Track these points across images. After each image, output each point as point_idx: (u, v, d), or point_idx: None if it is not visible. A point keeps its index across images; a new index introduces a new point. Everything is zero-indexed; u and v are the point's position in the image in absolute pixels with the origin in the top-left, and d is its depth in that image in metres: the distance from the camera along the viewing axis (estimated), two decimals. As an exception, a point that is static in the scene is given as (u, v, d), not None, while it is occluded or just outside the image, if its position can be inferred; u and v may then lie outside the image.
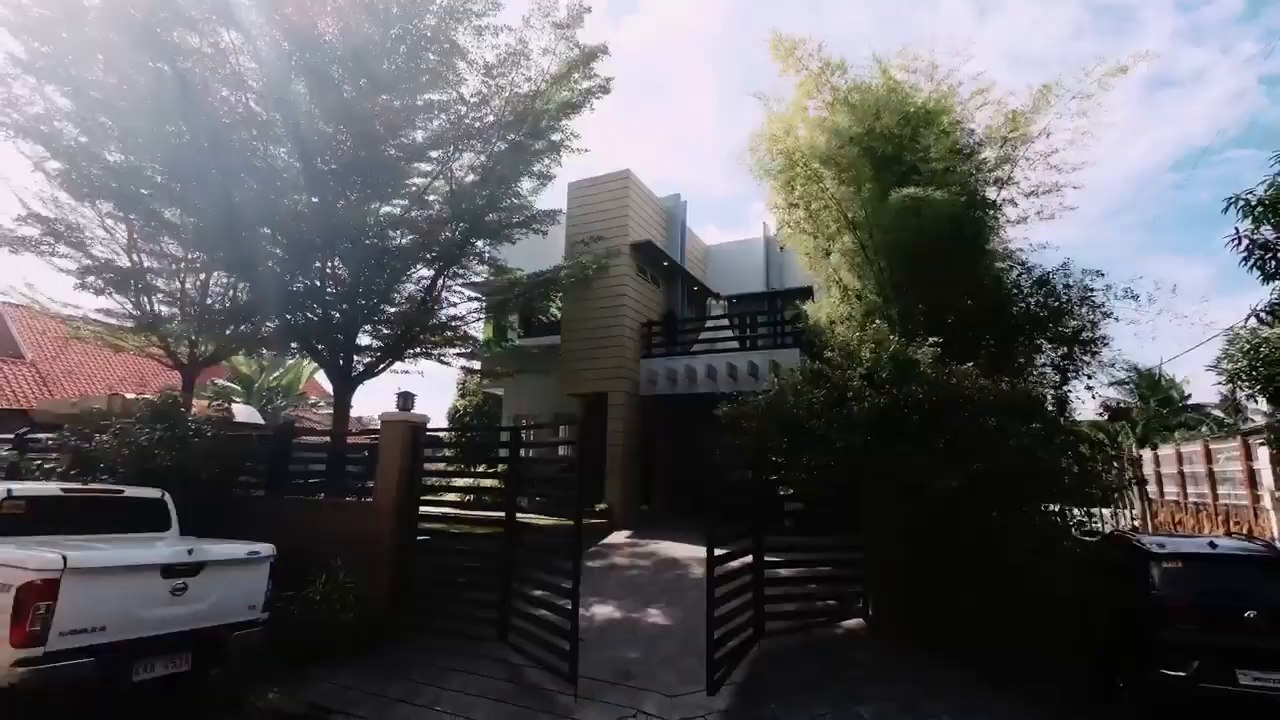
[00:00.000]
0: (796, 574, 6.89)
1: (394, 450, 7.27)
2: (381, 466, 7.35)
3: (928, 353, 6.49)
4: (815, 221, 10.44)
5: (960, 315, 8.60)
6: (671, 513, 14.13)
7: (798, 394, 6.44)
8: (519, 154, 10.27)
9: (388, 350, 10.42)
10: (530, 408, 15.78)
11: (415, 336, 10.55)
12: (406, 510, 7.27)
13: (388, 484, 7.25)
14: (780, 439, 6.12)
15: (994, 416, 5.83)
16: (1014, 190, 9.91)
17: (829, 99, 10.70)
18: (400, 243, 10.27)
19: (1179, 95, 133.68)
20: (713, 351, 12.87)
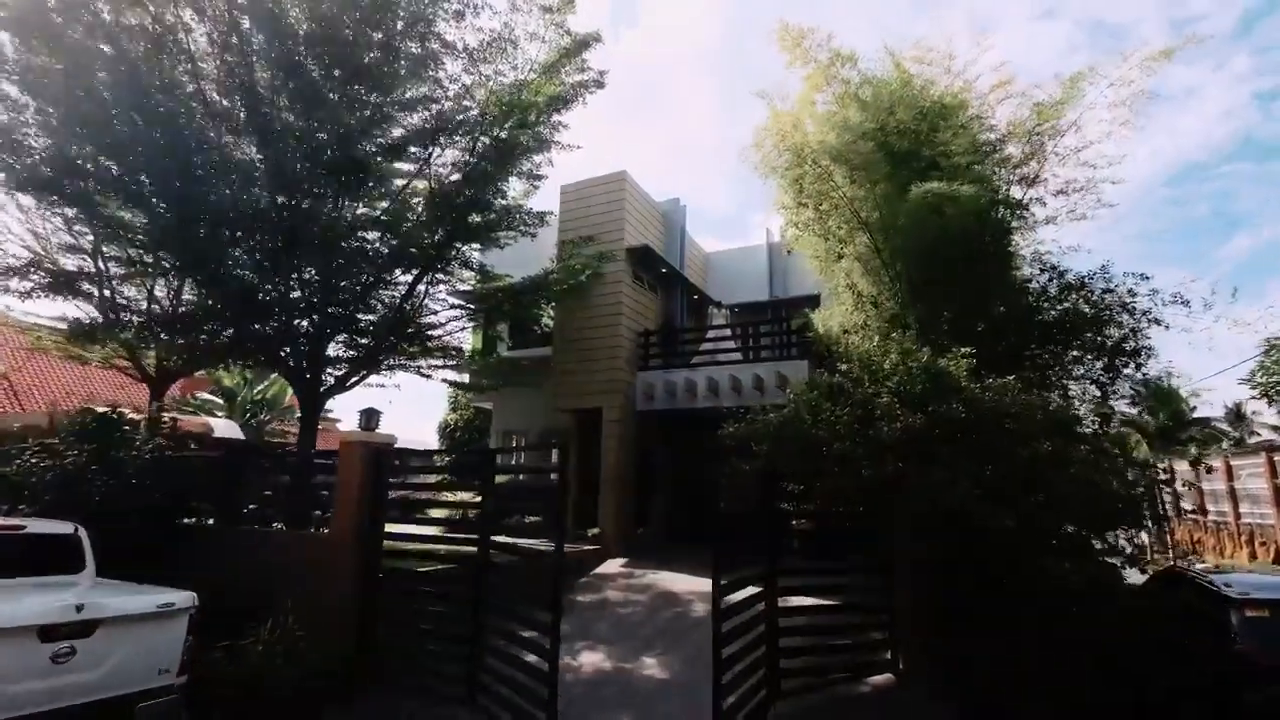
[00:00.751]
0: (815, 621, 5.99)
1: (353, 475, 6.39)
2: (339, 494, 6.46)
3: (962, 365, 5.65)
4: (825, 222, 9.65)
5: (991, 323, 7.76)
6: (670, 536, 13.20)
7: (815, 412, 5.58)
8: (505, 150, 9.48)
9: (361, 362, 9.56)
10: (520, 423, 14.89)
11: (391, 347, 9.69)
12: (368, 543, 6.37)
13: (346, 513, 6.35)
14: (797, 464, 5.25)
15: (1046, 439, 4.99)
16: (1042, 189, 9.13)
17: (839, 92, 9.97)
18: (376, 246, 9.44)
19: (1172, 109, 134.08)
20: (714, 364, 12.02)
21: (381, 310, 9.78)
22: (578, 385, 12.31)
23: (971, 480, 4.66)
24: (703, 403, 11.72)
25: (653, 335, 12.88)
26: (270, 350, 8.99)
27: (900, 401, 5.22)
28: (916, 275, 8.93)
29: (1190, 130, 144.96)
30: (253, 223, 8.22)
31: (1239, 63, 78.04)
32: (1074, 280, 8.28)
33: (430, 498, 7.89)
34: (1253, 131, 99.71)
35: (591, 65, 10.40)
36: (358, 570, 6.22)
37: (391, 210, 9.42)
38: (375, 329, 9.59)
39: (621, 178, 12.78)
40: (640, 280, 13.17)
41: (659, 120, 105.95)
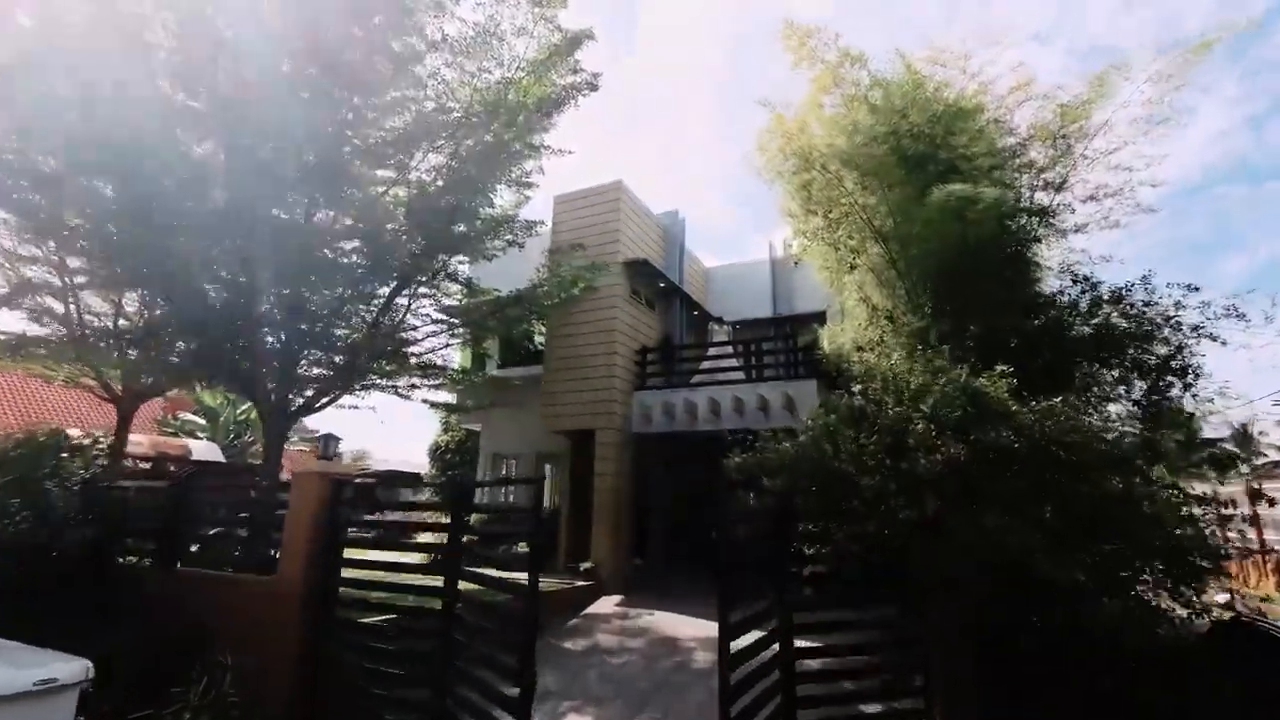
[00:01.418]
0: (836, 674, 5.13)
1: (306, 512, 5.58)
2: (288, 533, 5.64)
3: (1001, 385, 4.89)
4: (835, 231, 8.97)
5: (1024, 339, 7.01)
6: (669, 567, 12.32)
7: (834, 439, 4.80)
8: (491, 154, 8.82)
9: (332, 381, 8.78)
10: (511, 446, 14.07)
11: (366, 365, 8.92)
12: (321, 589, 5.54)
13: (295, 556, 5.53)
14: (816, 502, 4.45)
15: (1110, 472, 4.21)
16: (1069, 195, 8.46)
17: (848, 94, 9.35)
18: (352, 258, 8.74)
19: (1163, 130, 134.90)
20: (716, 383, 11.25)
21: (357, 325, 9.03)
22: (570, 406, 11.53)
23: (1031, 524, 3.87)
24: (704, 425, 10.94)
25: (650, 353, 12.13)
26: (232, 368, 8.21)
27: (936, 428, 4.45)
28: (935, 287, 8.23)
29: (1185, 150, 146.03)
30: (214, 229, 7.51)
31: (1228, 87, 78.49)
32: (1111, 292, 7.55)
33: (398, 536, 7.03)
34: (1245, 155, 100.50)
35: (584, 67, 9.82)
36: (305, 623, 5.38)
37: (368, 217, 8.71)
38: (349, 345, 8.83)
39: (617, 187, 12.14)
40: (637, 295, 12.47)
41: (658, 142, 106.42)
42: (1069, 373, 7.09)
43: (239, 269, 7.87)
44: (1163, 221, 18.04)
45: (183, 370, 8.64)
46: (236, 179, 7.47)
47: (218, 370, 8.25)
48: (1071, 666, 4.28)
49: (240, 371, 8.31)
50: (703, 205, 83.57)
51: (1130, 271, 24.82)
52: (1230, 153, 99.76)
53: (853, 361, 8.92)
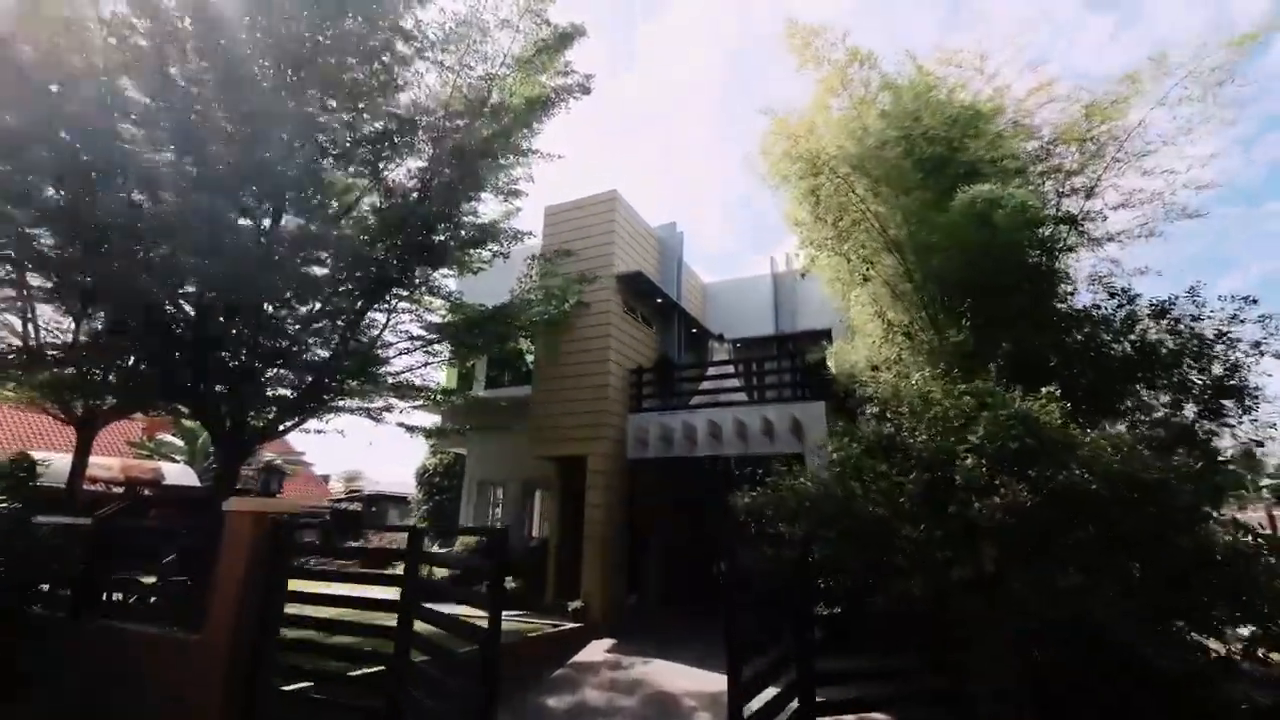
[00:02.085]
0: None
1: (238, 559, 4.75)
2: (218, 582, 4.80)
3: (1054, 411, 4.12)
4: (845, 240, 8.27)
5: (1064, 357, 6.27)
6: (666, 605, 11.40)
7: (861, 474, 4.01)
8: (472, 157, 8.14)
9: (297, 403, 7.98)
10: (497, 472, 13.23)
11: (335, 386, 8.14)
12: (256, 648, 4.69)
13: (225, 610, 4.68)
14: (845, 553, 3.65)
15: (1205, 520, 3.43)
16: (1099, 201, 7.78)
17: (857, 96, 8.75)
18: (322, 271, 8.01)
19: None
20: (716, 405, 10.47)
21: (327, 342, 8.25)
22: (559, 429, 10.72)
23: (1118, 586, 3.07)
24: (703, 449, 10.13)
25: (646, 373, 11.36)
26: (184, 388, 7.42)
27: (988, 463, 3.66)
28: (956, 301, 7.51)
29: (1181, 169, 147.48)
30: (160, 233, 6.78)
31: (1220, 110, 79.28)
32: (1153, 305, 6.83)
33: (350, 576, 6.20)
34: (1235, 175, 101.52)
35: (577, 69, 9.23)
36: (232, 695, 4.52)
37: (339, 225, 8.00)
38: (317, 363, 8.04)
39: (612, 197, 11.49)
40: (632, 311, 11.74)
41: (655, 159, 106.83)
42: (1112, 395, 6.32)
43: (190, 279, 7.12)
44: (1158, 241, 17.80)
45: (130, 389, 7.83)
46: (187, 179, 6.77)
47: (168, 390, 7.45)
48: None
49: (193, 392, 7.51)
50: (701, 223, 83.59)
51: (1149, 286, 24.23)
52: (1222, 173, 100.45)
53: (867, 381, 8.16)
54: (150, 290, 6.93)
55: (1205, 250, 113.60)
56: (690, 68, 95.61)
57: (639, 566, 11.32)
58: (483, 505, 13.49)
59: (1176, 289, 9.40)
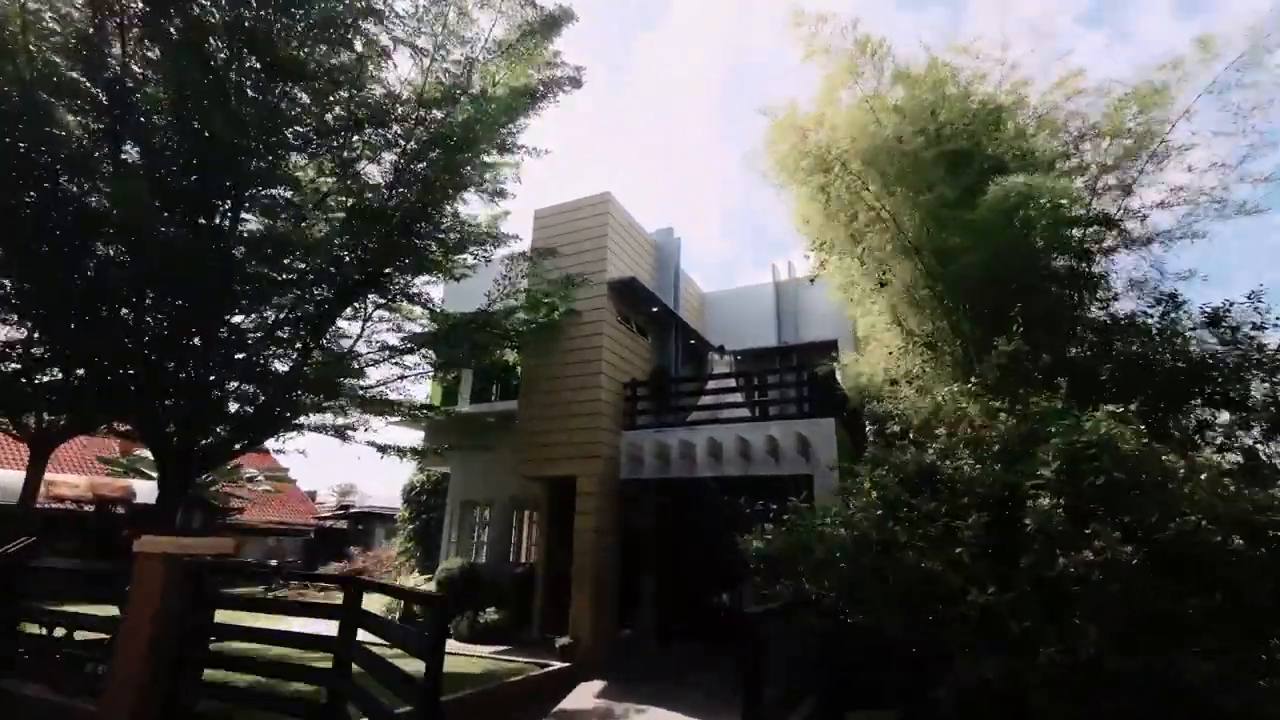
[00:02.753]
0: None
1: (147, 609, 3.94)
2: (123, 637, 3.99)
3: (1129, 436, 3.37)
4: (859, 242, 7.58)
5: (1121, 370, 5.53)
6: (663, 640, 10.53)
7: (898, 513, 3.24)
8: (452, 150, 7.44)
9: (251, 421, 7.19)
10: (483, 492, 12.40)
11: (298, 401, 7.35)
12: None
13: (130, 672, 3.87)
14: (890, 620, 2.87)
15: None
16: (1137, 199, 7.11)
17: (868, 91, 8.12)
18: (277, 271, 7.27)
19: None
20: (716, 421, 9.71)
21: (285, 354, 7.49)
22: (547, 447, 9.93)
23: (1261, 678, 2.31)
24: (703, 470, 9.35)
25: (641, 386, 10.60)
26: (124, 402, 6.63)
27: (1067, 501, 2.90)
28: (983, 308, 6.80)
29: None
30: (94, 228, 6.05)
31: (1208, 118, 78.56)
32: (1206, 313, 6.12)
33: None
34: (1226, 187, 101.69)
35: (566, 61, 8.58)
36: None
37: (302, 223, 7.27)
38: (275, 377, 7.27)
39: (605, 200, 10.80)
40: (626, 321, 11.00)
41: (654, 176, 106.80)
42: (1164, 413, 5.58)
43: (131, 282, 6.37)
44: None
45: (64, 401, 7.04)
46: (128, 169, 6.04)
47: (107, 404, 6.66)
48: None
49: (135, 406, 6.73)
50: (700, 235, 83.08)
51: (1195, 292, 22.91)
52: (1214, 187, 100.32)
53: (883, 396, 7.44)
54: (83, 291, 6.17)
55: (1195, 263, 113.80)
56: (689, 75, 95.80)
57: (633, 597, 10.48)
58: (467, 527, 12.64)
59: (1220, 295, 8.73)
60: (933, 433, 5.79)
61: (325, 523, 26.68)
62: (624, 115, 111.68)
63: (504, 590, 10.92)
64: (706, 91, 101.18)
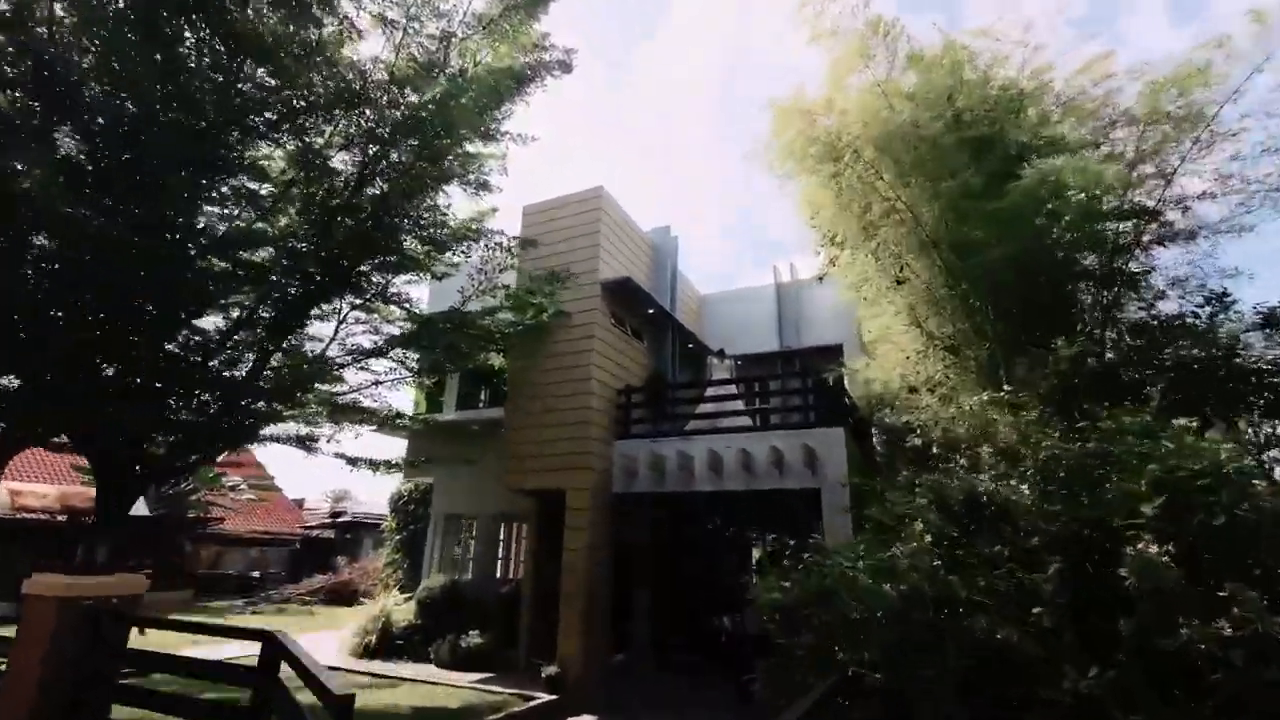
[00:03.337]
0: None
1: (36, 649, 3.26)
2: (9, 683, 3.30)
3: (1227, 457, 2.72)
4: (872, 236, 6.96)
5: (1188, 375, 4.90)
6: (660, 667, 9.84)
7: (954, 557, 2.58)
8: (428, 134, 6.80)
9: (203, 432, 6.49)
10: (467, 504, 11.71)
11: (257, 410, 6.67)
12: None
13: (16, 714, 3.19)
14: (956, 699, 2.21)
15: None
16: (1178, 189, 6.51)
17: (880, 75, 7.55)
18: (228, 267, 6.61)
19: None
20: (716, 431, 9.05)
21: (238, 359, 6.80)
22: (535, 459, 9.26)
23: None
24: (702, 483, 8.68)
25: (636, 393, 9.94)
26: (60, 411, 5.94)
27: (1175, 550, 2.25)
28: (1011, 307, 6.18)
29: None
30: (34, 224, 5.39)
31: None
32: (1262, 313, 5.50)
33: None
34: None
35: (555, 43, 7.96)
36: None
37: (261, 213, 6.62)
38: (230, 383, 6.58)
39: (597, 195, 10.18)
40: (620, 324, 10.35)
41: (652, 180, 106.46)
42: (1231, 426, 4.95)
43: (63, 279, 5.70)
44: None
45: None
46: (52, 148, 5.38)
47: (34, 414, 5.97)
48: None
49: (73, 415, 6.04)
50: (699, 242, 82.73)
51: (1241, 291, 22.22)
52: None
53: (900, 405, 6.80)
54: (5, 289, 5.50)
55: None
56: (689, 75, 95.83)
57: (627, 617, 9.80)
58: (451, 541, 11.95)
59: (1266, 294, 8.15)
60: (963, 448, 5.16)
61: (312, 532, 25.88)
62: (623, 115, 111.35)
63: (489, 611, 10.23)
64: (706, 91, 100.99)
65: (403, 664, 9.65)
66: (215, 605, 18.60)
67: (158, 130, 5.59)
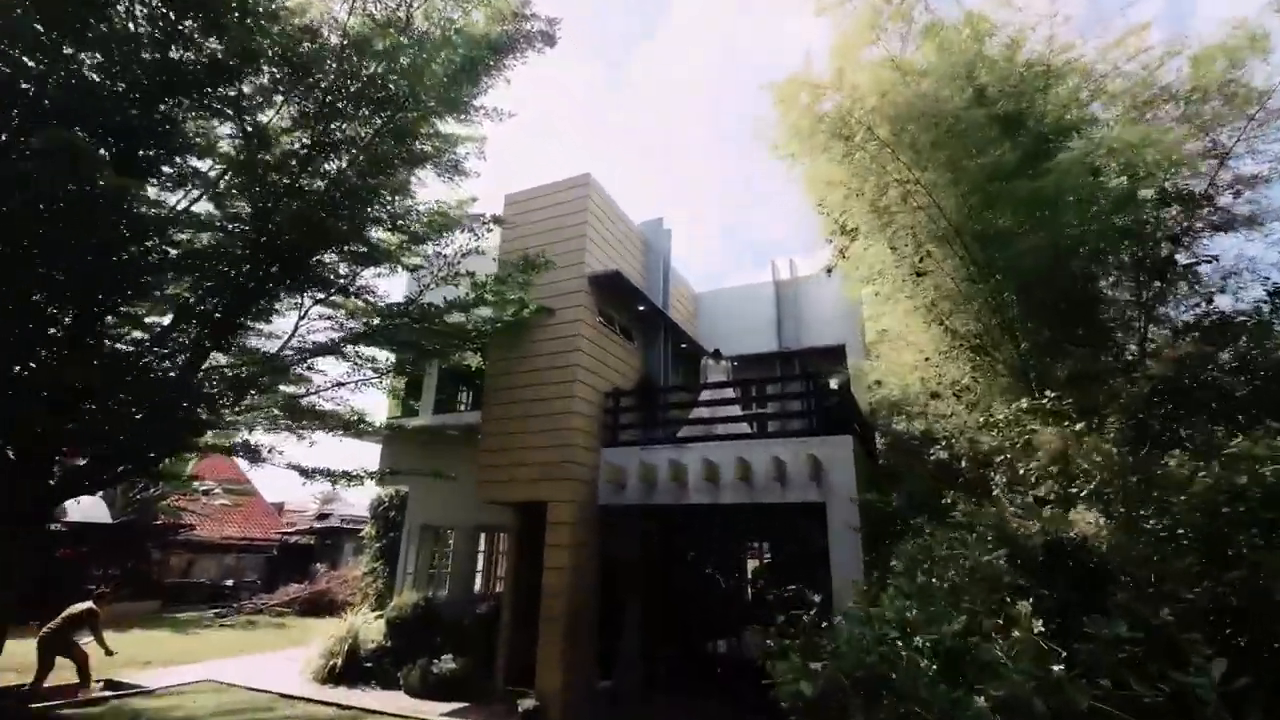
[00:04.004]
0: None
1: None
2: None
3: None
4: (888, 223, 6.25)
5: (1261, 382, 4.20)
6: (649, 694, 9.06)
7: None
8: (388, 108, 6.04)
9: (131, 442, 5.68)
10: (444, 514, 10.92)
11: (194, 418, 5.86)
12: None
13: None
14: None
15: None
16: (1229, 173, 5.84)
17: (895, 50, 6.88)
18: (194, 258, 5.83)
19: None
20: (712, 438, 8.31)
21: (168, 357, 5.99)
22: (513, 468, 8.49)
23: None
24: (696, 495, 7.94)
25: (625, 397, 9.19)
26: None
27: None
28: (1046, 302, 5.48)
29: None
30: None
31: None
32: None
33: None
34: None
35: (538, 12, 7.23)
36: None
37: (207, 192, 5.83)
38: (162, 383, 5.77)
39: (584, 182, 9.42)
40: (609, 322, 9.60)
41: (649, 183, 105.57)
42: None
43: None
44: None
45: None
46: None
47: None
48: None
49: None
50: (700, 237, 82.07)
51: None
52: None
53: (916, 412, 6.08)
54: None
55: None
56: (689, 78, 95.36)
57: (614, 640, 9.03)
58: (427, 554, 11.15)
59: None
60: (997, 464, 4.45)
61: (290, 539, 24.91)
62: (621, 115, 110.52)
63: (466, 631, 9.44)
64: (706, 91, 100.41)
65: (369, 691, 8.85)
66: (184, 616, 17.69)
67: (67, 90, 4.81)
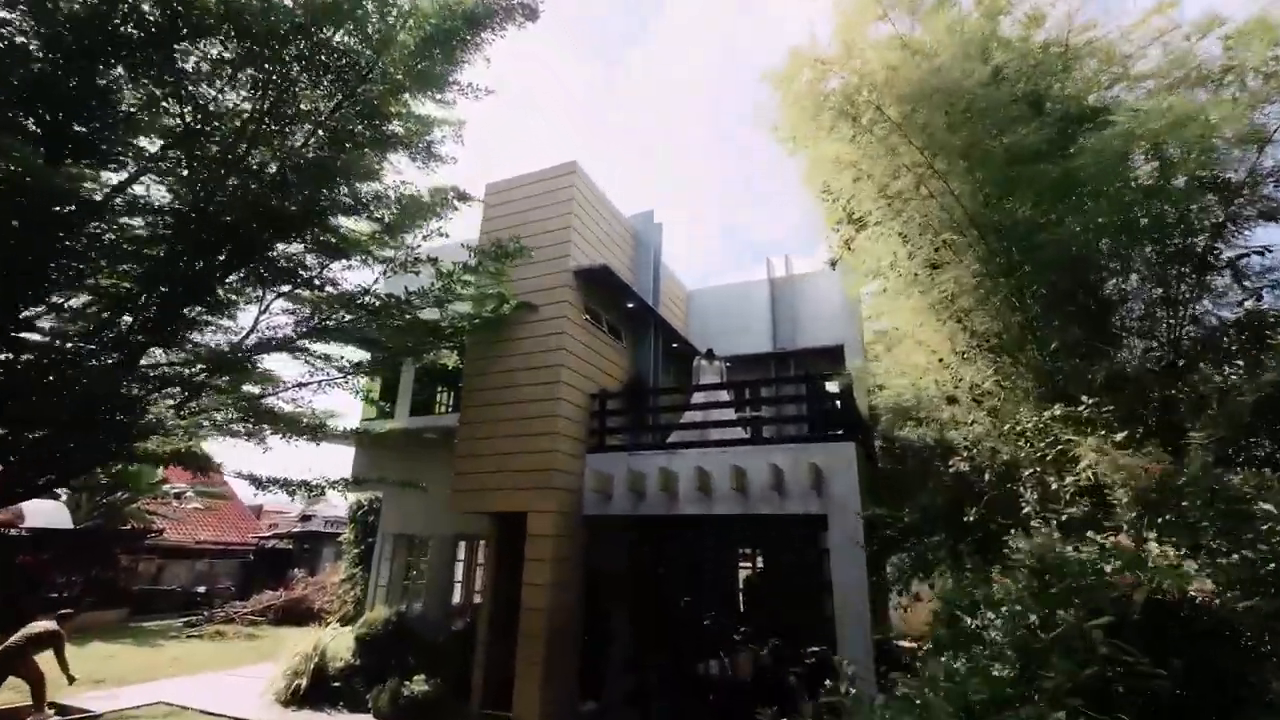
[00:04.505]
0: None
1: None
2: None
3: None
4: (899, 211, 5.73)
5: None
6: (635, 711, 8.50)
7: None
8: (347, 80, 5.45)
9: (47, 453, 5.05)
10: (419, 524, 10.31)
11: (113, 422, 5.24)
12: None
13: None
14: None
15: None
16: (1269, 158, 5.39)
17: (905, 28, 6.41)
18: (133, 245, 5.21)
19: None
20: (706, 444, 7.77)
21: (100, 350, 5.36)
22: (490, 475, 7.91)
23: None
24: (688, 505, 7.41)
25: (612, 399, 8.63)
26: None
27: None
28: (1075, 297, 4.99)
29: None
30: None
31: None
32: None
33: None
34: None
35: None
36: None
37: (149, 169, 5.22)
38: (80, 387, 5.13)
39: (570, 170, 8.85)
40: (595, 319, 9.04)
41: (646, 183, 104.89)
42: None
43: None
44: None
45: None
46: None
47: None
48: None
49: None
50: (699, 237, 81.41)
51: None
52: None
53: (927, 418, 5.57)
54: None
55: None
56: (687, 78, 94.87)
57: (598, 660, 8.46)
58: (401, 565, 10.53)
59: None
60: (1026, 477, 3.94)
61: (267, 543, 24.10)
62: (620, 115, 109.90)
63: (441, 649, 8.85)
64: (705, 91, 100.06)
65: (335, 714, 8.24)
66: (151, 626, 16.91)
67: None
